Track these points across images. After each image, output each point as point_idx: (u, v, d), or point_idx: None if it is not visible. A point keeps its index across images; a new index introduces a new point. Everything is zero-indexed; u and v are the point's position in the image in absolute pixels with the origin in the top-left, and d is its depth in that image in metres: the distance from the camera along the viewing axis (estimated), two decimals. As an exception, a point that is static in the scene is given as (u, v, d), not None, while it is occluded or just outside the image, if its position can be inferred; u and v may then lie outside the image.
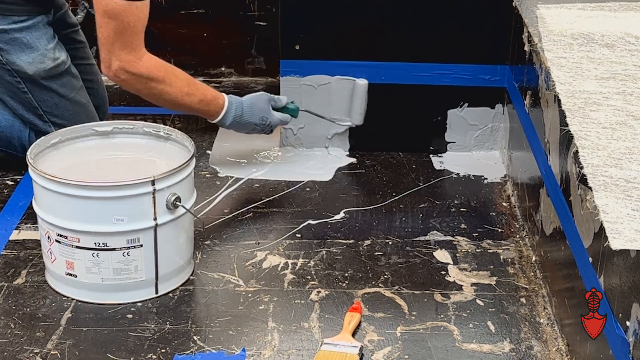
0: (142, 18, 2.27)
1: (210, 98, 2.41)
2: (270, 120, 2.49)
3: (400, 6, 2.56)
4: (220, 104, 2.42)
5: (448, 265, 2.14)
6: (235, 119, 2.44)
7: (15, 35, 2.37)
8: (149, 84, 2.32)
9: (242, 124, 2.46)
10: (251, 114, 2.46)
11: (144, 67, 2.30)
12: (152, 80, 2.32)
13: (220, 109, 2.42)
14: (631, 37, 2.21)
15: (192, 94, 2.38)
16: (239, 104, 2.45)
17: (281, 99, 2.53)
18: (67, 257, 1.96)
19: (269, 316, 1.96)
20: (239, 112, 2.44)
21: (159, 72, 2.32)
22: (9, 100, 2.46)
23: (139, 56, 2.29)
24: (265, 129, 2.50)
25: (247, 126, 2.47)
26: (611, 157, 1.69)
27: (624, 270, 1.47)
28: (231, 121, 2.44)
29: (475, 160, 2.67)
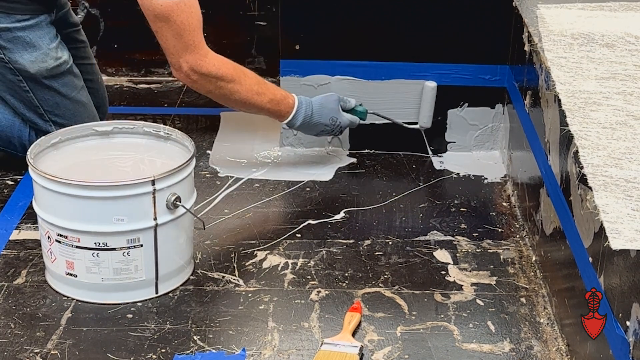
0: (195, 13, 2.25)
1: (280, 97, 2.40)
2: (340, 120, 2.48)
3: (400, 6, 2.56)
4: (290, 104, 2.41)
5: (448, 265, 2.14)
6: (306, 119, 2.43)
7: (18, 33, 2.37)
8: (219, 84, 2.30)
9: (312, 124, 2.45)
10: (321, 114, 2.45)
11: (212, 65, 2.28)
12: (222, 79, 2.30)
13: (291, 109, 2.41)
14: (631, 37, 2.21)
15: (262, 93, 2.36)
16: (308, 103, 2.44)
17: (350, 101, 2.52)
18: (67, 257, 1.96)
19: (269, 316, 1.96)
20: (309, 112, 2.43)
21: (227, 70, 2.31)
22: (10, 98, 2.46)
23: (204, 54, 2.27)
24: (335, 130, 2.49)
25: (317, 127, 2.46)
26: (611, 157, 1.69)
27: (624, 270, 1.47)
28: (301, 121, 2.43)
29: (475, 160, 2.67)
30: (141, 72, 3.22)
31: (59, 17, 2.51)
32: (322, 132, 2.49)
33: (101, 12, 3.17)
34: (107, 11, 3.17)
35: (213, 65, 2.29)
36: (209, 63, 2.28)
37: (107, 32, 3.18)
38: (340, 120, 2.48)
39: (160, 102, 3.03)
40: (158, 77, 3.22)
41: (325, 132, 2.49)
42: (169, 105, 3.01)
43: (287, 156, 2.65)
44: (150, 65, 3.21)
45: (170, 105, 3.01)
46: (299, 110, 2.42)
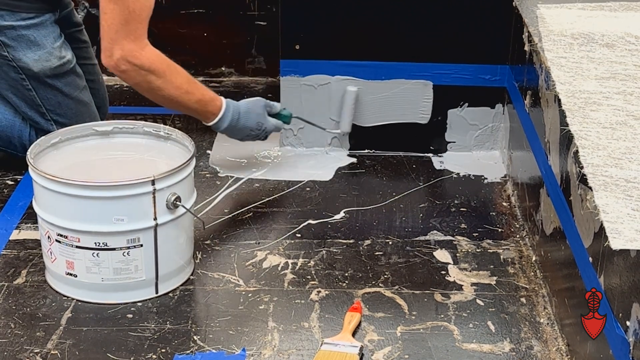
0: (148, 6, 2.24)
1: (208, 99, 2.37)
2: (265, 125, 2.46)
3: (400, 6, 2.56)
4: (218, 106, 2.39)
5: (448, 265, 2.14)
6: (232, 123, 2.41)
7: (23, 32, 2.37)
8: (148, 77, 2.27)
9: (238, 128, 2.43)
10: (247, 118, 2.43)
11: (145, 59, 2.26)
12: (153, 74, 2.27)
13: (218, 111, 2.38)
14: (631, 37, 2.21)
15: (191, 92, 2.33)
16: (236, 107, 2.42)
17: (275, 105, 2.50)
18: (67, 256, 1.96)
19: (269, 316, 1.96)
20: (235, 116, 2.40)
21: (160, 65, 2.28)
22: (12, 97, 2.46)
23: (142, 46, 2.25)
24: (260, 135, 2.48)
25: (243, 131, 2.44)
26: (611, 157, 1.69)
27: (624, 270, 1.47)
28: (227, 125, 2.40)
29: (476, 160, 2.67)
30: (141, 72, 3.22)
31: (63, 16, 2.52)
32: (247, 137, 2.47)
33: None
34: (107, 11, 3.16)
35: (147, 58, 2.26)
36: (143, 56, 2.25)
37: (107, 32, 3.18)
38: (266, 125, 2.46)
39: (160, 102, 3.03)
40: (158, 77, 3.22)
41: (250, 136, 2.46)
42: (169, 105, 3.00)
43: (287, 156, 2.65)
44: (150, 65, 3.20)
45: (170, 105, 3.00)
46: (226, 113, 2.39)
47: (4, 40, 2.37)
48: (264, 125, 2.46)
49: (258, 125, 2.45)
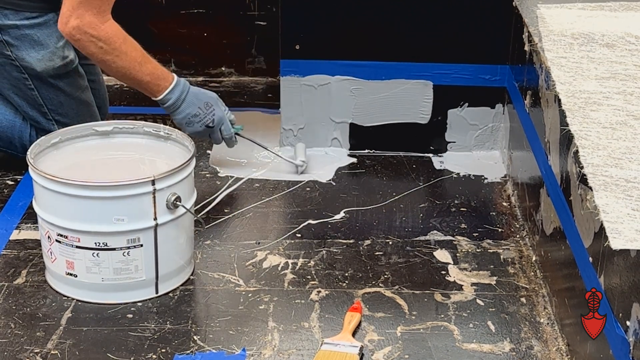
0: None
1: (159, 73, 2.35)
2: (215, 109, 2.41)
3: (400, 6, 2.56)
4: (169, 80, 2.36)
5: (448, 265, 2.14)
6: (181, 97, 2.36)
7: (27, 31, 2.37)
8: (104, 48, 2.26)
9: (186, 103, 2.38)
10: (196, 96, 2.39)
11: (103, 32, 2.24)
12: (108, 45, 2.26)
13: (169, 85, 2.35)
14: (631, 36, 2.21)
15: (143, 65, 2.31)
16: (186, 84, 2.39)
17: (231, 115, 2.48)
18: (67, 256, 1.96)
19: (269, 316, 1.96)
20: (184, 92, 2.37)
21: (116, 39, 2.27)
22: (14, 96, 2.46)
23: (103, 20, 2.24)
24: (207, 118, 2.40)
25: (189, 108, 2.38)
26: (611, 157, 1.69)
27: (624, 270, 1.47)
28: (175, 99, 2.36)
29: (476, 160, 2.67)
30: (141, 72, 3.21)
31: None
32: (194, 119, 2.40)
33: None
34: (107, 11, 3.16)
35: (105, 31, 2.25)
36: (101, 29, 2.24)
37: (107, 32, 3.18)
38: (215, 109, 2.41)
39: (160, 102, 3.03)
40: (158, 77, 3.22)
41: (197, 119, 2.40)
42: (169, 105, 3.00)
43: (287, 156, 2.65)
44: (150, 65, 3.20)
45: (170, 105, 3.00)
46: (176, 87, 2.36)
47: (7, 40, 2.37)
48: (213, 107, 2.41)
49: (206, 107, 2.40)
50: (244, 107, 2.61)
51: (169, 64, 3.16)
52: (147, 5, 3.09)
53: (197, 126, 2.41)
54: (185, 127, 2.41)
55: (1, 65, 2.41)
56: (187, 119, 2.40)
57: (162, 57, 2.38)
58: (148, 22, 2.34)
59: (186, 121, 2.40)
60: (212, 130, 2.44)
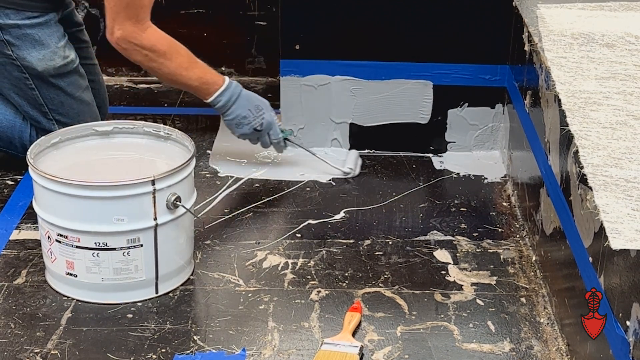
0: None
1: (209, 77, 2.40)
2: (265, 112, 2.45)
3: (400, 6, 2.56)
4: (219, 83, 2.41)
5: (448, 265, 2.14)
6: (232, 99, 2.41)
7: (28, 31, 2.38)
8: (149, 56, 2.32)
9: (237, 106, 2.42)
10: (247, 98, 2.44)
11: (146, 40, 2.30)
12: (153, 53, 2.32)
13: (219, 88, 2.40)
14: (631, 36, 2.21)
15: (191, 70, 2.37)
16: (237, 86, 2.43)
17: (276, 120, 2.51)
18: (67, 256, 1.96)
19: (269, 316, 1.96)
20: (235, 94, 2.42)
21: (160, 46, 2.33)
22: (15, 96, 2.46)
23: (143, 29, 2.30)
24: (257, 121, 2.44)
25: (240, 109, 2.42)
26: (611, 157, 1.69)
27: (624, 270, 1.47)
28: (226, 101, 2.41)
29: (476, 160, 2.67)
30: (141, 72, 3.22)
31: (64, 16, 2.52)
32: (244, 121, 2.43)
33: (101, 12, 3.16)
34: (107, 11, 3.17)
35: (148, 39, 2.31)
36: (144, 37, 2.30)
37: (107, 32, 3.18)
38: (265, 113, 2.45)
39: (160, 102, 3.03)
40: (158, 77, 3.22)
41: (246, 121, 2.43)
42: (169, 105, 3.01)
43: (287, 156, 2.65)
44: (150, 65, 3.21)
45: (170, 105, 3.01)
46: (227, 89, 2.41)
47: (8, 39, 2.37)
48: (263, 110, 2.45)
49: (256, 110, 2.45)
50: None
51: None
52: (147, 5, 3.09)
53: (245, 128, 2.46)
54: (235, 129, 2.47)
55: (2, 64, 2.41)
56: (236, 121, 2.44)
57: (162, 57, 2.39)
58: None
59: (236, 122, 2.45)
60: (260, 134, 2.48)
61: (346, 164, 2.58)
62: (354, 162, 2.59)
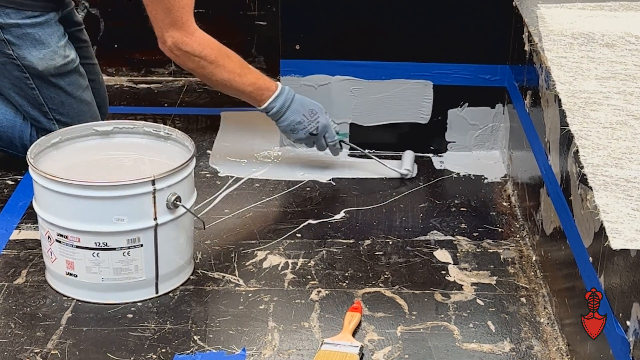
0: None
1: (262, 82, 2.41)
2: (319, 116, 2.45)
3: (400, 6, 2.56)
4: (272, 89, 2.41)
5: (448, 265, 2.14)
6: (285, 104, 2.41)
7: (28, 30, 2.38)
8: (201, 63, 2.32)
9: (290, 111, 2.42)
10: (301, 103, 2.44)
11: (196, 44, 2.30)
12: (204, 59, 2.32)
13: (272, 93, 2.40)
14: (631, 36, 2.21)
15: (244, 76, 2.37)
16: (290, 91, 2.44)
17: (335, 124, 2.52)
18: (67, 256, 1.96)
19: (269, 316, 1.96)
20: (289, 99, 2.42)
21: (211, 51, 2.33)
22: (15, 96, 2.46)
23: (190, 32, 2.30)
24: (311, 125, 2.43)
25: (294, 115, 2.42)
26: (611, 157, 1.69)
27: (624, 270, 1.47)
28: (279, 106, 2.40)
29: (476, 160, 2.67)
30: (141, 72, 3.22)
31: (64, 15, 2.52)
32: (299, 126, 2.44)
33: (101, 12, 3.17)
34: (107, 11, 3.17)
35: (198, 44, 2.31)
36: (193, 42, 2.30)
37: (107, 32, 3.18)
38: (319, 116, 2.45)
39: (160, 102, 3.03)
40: (158, 77, 3.22)
41: (301, 126, 2.44)
42: (169, 105, 3.01)
43: (287, 156, 2.65)
44: (150, 65, 3.21)
45: (170, 105, 3.01)
46: (280, 94, 2.41)
47: (8, 38, 2.37)
48: (317, 115, 2.45)
49: (311, 114, 2.44)
50: (244, 107, 2.61)
51: (169, 64, 3.16)
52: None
53: (301, 133, 2.46)
54: (290, 134, 2.47)
55: (2, 64, 2.41)
56: (291, 126, 2.44)
57: (163, 57, 2.38)
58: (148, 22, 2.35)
59: (291, 128, 2.45)
60: (316, 138, 2.48)
61: (403, 165, 2.57)
62: (410, 163, 2.58)
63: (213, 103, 2.96)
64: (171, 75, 3.20)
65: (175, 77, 3.19)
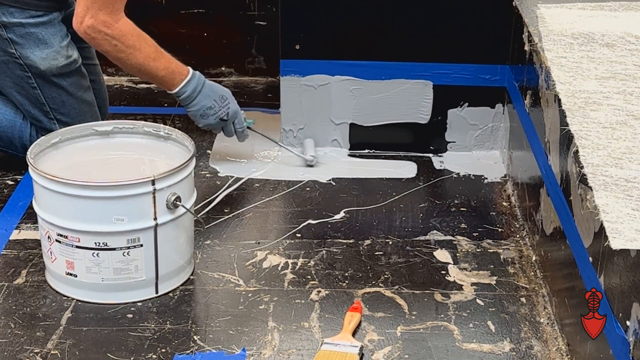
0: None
1: (174, 67, 2.39)
2: (230, 102, 2.45)
3: (400, 6, 2.56)
4: (184, 74, 2.40)
5: (448, 265, 2.14)
6: (197, 89, 2.40)
7: (31, 30, 2.38)
8: (118, 47, 2.31)
9: (202, 96, 2.41)
10: (211, 89, 2.43)
11: (117, 30, 2.29)
12: (123, 44, 2.30)
13: (184, 78, 2.39)
14: (631, 36, 2.21)
15: (157, 61, 2.36)
16: (201, 77, 2.43)
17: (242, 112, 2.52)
18: (67, 256, 1.96)
19: (269, 316, 1.96)
20: (200, 84, 2.41)
21: (130, 37, 2.31)
22: (16, 95, 2.46)
23: (117, 19, 2.29)
24: (222, 111, 2.44)
25: (205, 100, 2.42)
26: (611, 157, 1.69)
27: (624, 270, 1.47)
28: (191, 91, 2.40)
29: (476, 160, 2.67)
30: (141, 72, 3.22)
31: (66, 15, 2.52)
32: (209, 111, 2.43)
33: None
34: (107, 11, 3.16)
35: (119, 30, 2.30)
36: (115, 27, 2.29)
37: (107, 32, 3.18)
38: (230, 103, 2.45)
39: (160, 102, 3.03)
40: (158, 77, 3.22)
41: (212, 110, 2.43)
42: (169, 105, 3.00)
43: (287, 156, 2.65)
44: (150, 65, 3.20)
45: (170, 105, 3.01)
46: (191, 80, 2.40)
47: (11, 37, 2.37)
48: (228, 100, 2.45)
49: (221, 100, 2.44)
50: (244, 107, 2.61)
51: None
52: (147, 6, 3.09)
53: (211, 119, 2.45)
54: (200, 120, 2.45)
55: (5, 63, 2.41)
56: (202, 111, 2.43)
57: (163, 57, 2.39)
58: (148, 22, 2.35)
59: (201, 113, 2.44)
60: (225, 124, 2.48)
61: (307, 152, 2.59)
62: (313, 149, 2.61)
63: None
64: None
65: (175, 77, 3.19)
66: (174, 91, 2.41)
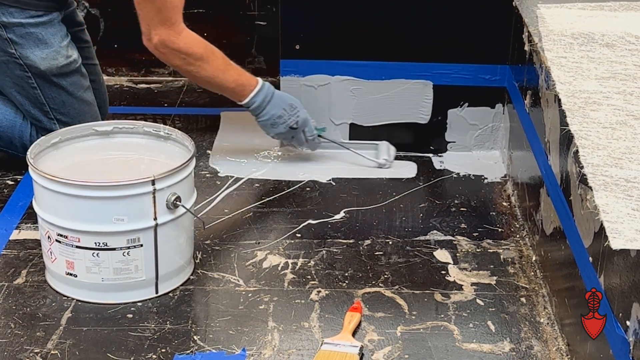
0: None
1: (244, 78, 2.43)
2: (299, 111, 2.48)
3: (400, 6, 2.56)
4: (253, 84, 2.44)
5: (448, 265, 2.14)
6: (266, 99, 2.44)
7: (31, 30, 2.38)
8: (187, 60, 2.35)
9: (271, 105, 2.45)
10: (281, 98, 2.47)
11: (182, 43, 2.33)
12: (191, 57, 2.34)
13: (253, 88, 2.43)
14: (631, 36, 2.21)
15: (227, 72, 2.40)
16: (270, 87, 2.46)
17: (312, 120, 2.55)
18: (67, 256, 1.96)
19: (269, 316, 1.96)
20: (269, 94, 2.45)
21: (197, 49, 2.35)
22: (16, 95, 2.46)
23: (178, 31, 2.32)
24: (291, 119, 2.46)
25: (275, 109, 2.45)
26: (611, 157, 1.69)
27: (624, 270, 1.47)
28: (260, 101, 2.43)
29: (476, 160, 2.67)
30: (141, 72, 3.22)
31: (66, 15, 2.52)
32: (279, 120, 2.46)
33: (101, 12, 3.17)
34: (107, 11, 3.17)
35: (184, 43, 2.33)
36: (180, 40, 2.32)
37: (107, 32, 3.18)
38: (299, 111, 2.48)
39: (160, 102, 3.03)
40: (158, 77, 3.22)
41: (281, 120, 2.46)
42: (169, 105, 3.01)
43: (287, 156, 2.65)
44: (150, 65, 3.21)
45: (170, 105, 3.01)
46: (261, 90, 2.44)
47: (11, 37, 2.37)
48: (297, 109, 2.48)
49: (291, 108, 2.47)
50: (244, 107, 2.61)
51: (169, 64, 3.16)
52: (147, 5, 3.09)
53: (281, 127, 2.48)
54: (270, 129, 2.49)
55: (5, 63, 2.41)
56: (271, 120, 2.47)
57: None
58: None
59: (271, 122, 2.47)
60: (295, 132, 2.50)
61: (380, 156, 2.58)
62: (387, 153, 2.60)
63: (213, 103, 2.96)
64: (171, 75, 3.20)
65: (175, 77, 3.19)
66: (243, 102, 2.45)
